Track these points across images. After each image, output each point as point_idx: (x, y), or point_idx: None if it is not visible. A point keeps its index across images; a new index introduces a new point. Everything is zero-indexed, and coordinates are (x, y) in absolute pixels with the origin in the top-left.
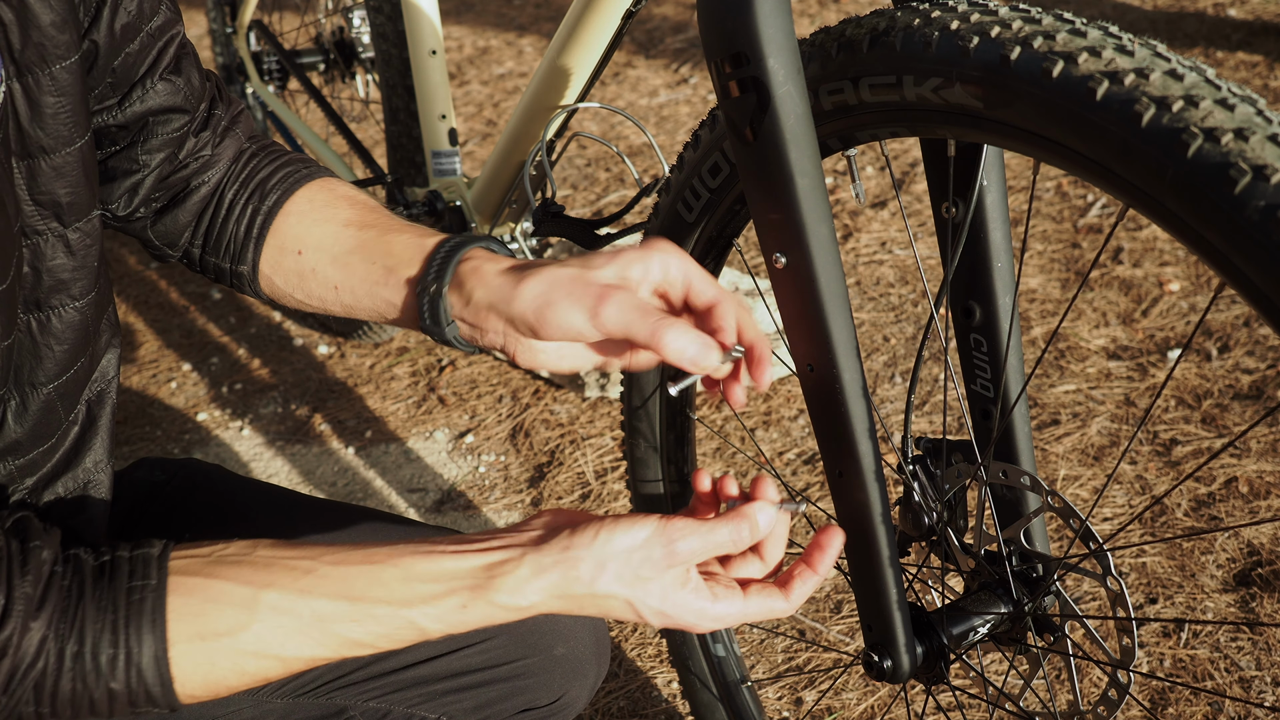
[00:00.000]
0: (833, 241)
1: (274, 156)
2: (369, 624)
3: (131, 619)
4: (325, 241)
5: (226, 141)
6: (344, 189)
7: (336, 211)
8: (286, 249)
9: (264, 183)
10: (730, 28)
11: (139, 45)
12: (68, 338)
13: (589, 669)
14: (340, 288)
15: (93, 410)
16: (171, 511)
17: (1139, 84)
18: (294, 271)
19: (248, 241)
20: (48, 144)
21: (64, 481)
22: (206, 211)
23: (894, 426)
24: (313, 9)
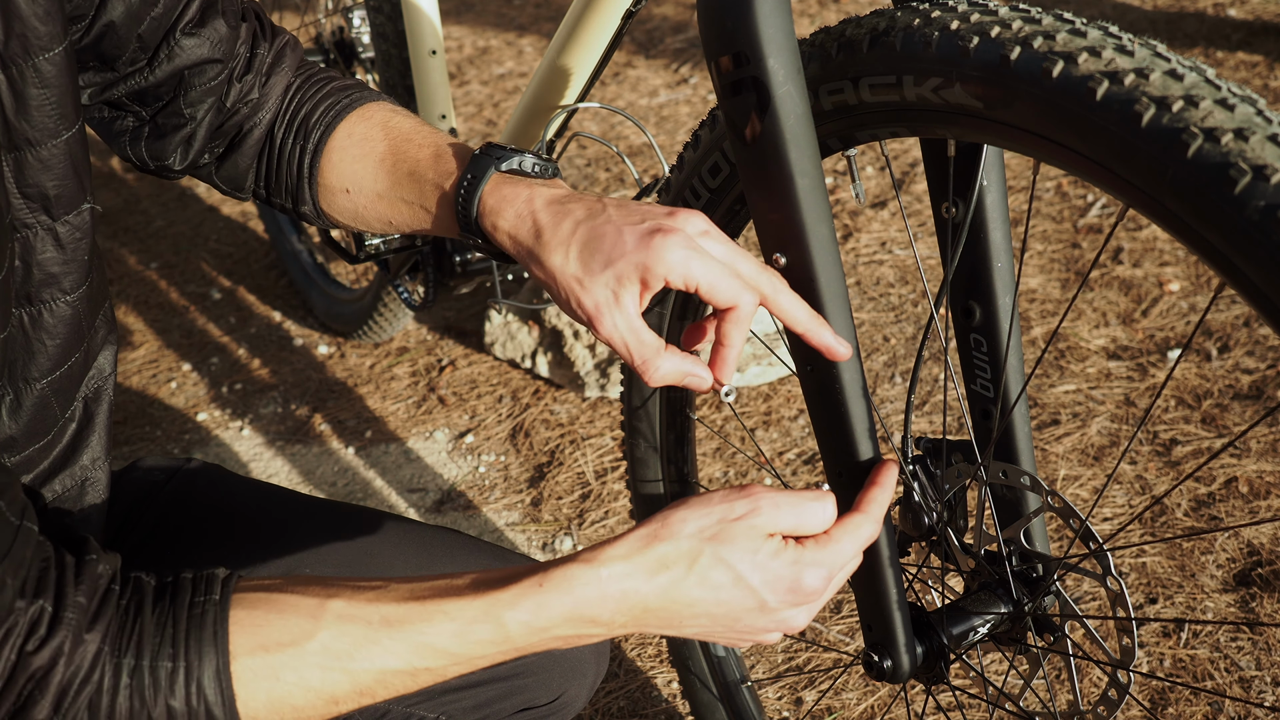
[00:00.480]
0: (833, 241)
1: (318, 88)
2: (442, 623)
3: (192, 632)
4: (365, 180)
5: (274, 79)
6: (380, 114)
7: (373, 146)
8: (335, 189)
9: (306, 120)
10: (730, 27)
11: (163, 8)
12: (60, 332)
13: (588, 668)
14: (394, 223)
15: (89, 407)
16: (170, 510)
17: (1139, 84)
18: (348, 210)
19: (301, 183)
20: (34, 136)
21: (61, 479)
22: (263, 154)
23: (894, 426)
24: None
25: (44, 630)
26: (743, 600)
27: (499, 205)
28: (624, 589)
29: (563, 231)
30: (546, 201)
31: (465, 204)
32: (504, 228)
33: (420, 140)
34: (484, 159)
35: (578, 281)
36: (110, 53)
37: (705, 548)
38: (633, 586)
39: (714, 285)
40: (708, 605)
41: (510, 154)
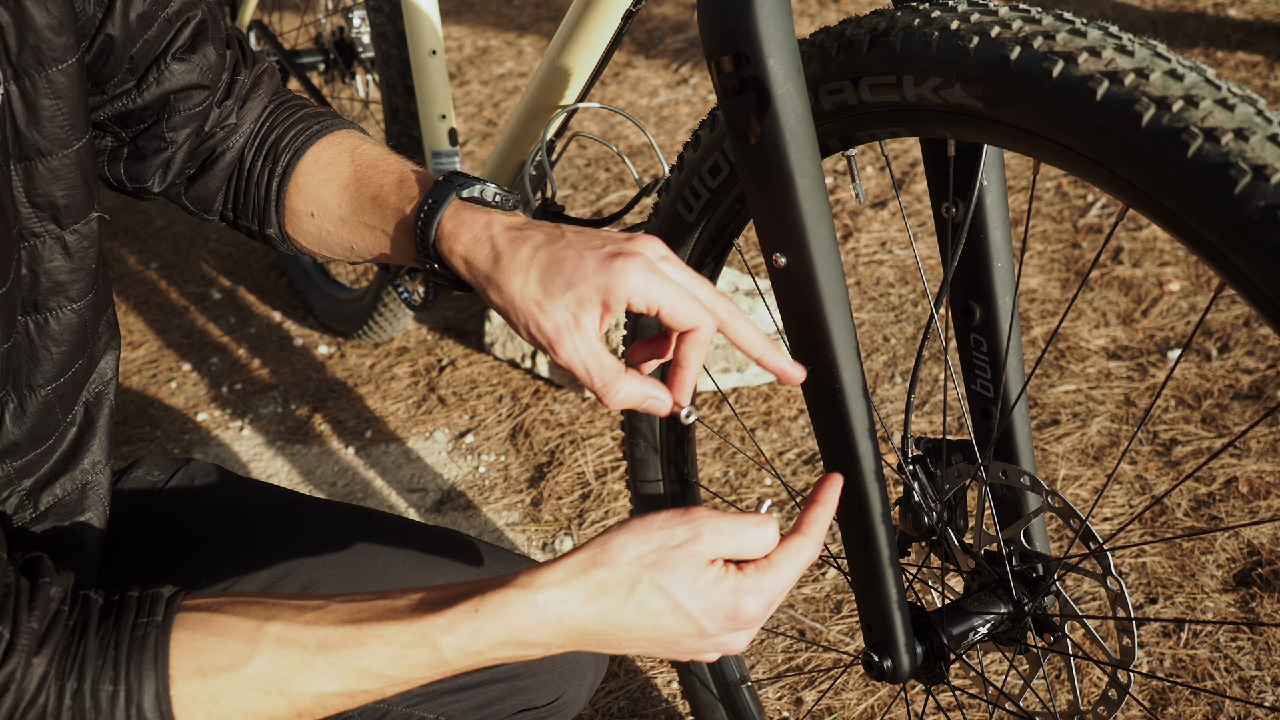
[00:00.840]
0: (833, 241)
1: (289, 114)
2: (378, 648)
3: (133, 655)
4: (330, 205)
5: (250, 105)
6: (349, 140)
7: (339, 171)
8: (301, 212)
9: (276, 144)
10: (730, 27)
11: (157, 31)
12: (66, 340)
13: (587, 669)
14: (355, 249)
15: (90, 411)
16: (169, 510)
17: (1139, 84)
18: (312, 234)
19: (268, 206)
20: (45, 146)
21: (62, 483)
22: (233, 177)
23: (894, 426)
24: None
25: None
26: (681, 626)
27: (457, 230)
28: (560, 614)
29: (522, 256)
30: (505, 227)
31: (424, 227)
32: (460, 251)
33: (385, 167)
34: (446, 185)
35: (537, 305)
36: (102, 73)
37: (644, 574)
38: (569, 612)
39: (675, 308)
40: (645, 630)
41: (472, 182)
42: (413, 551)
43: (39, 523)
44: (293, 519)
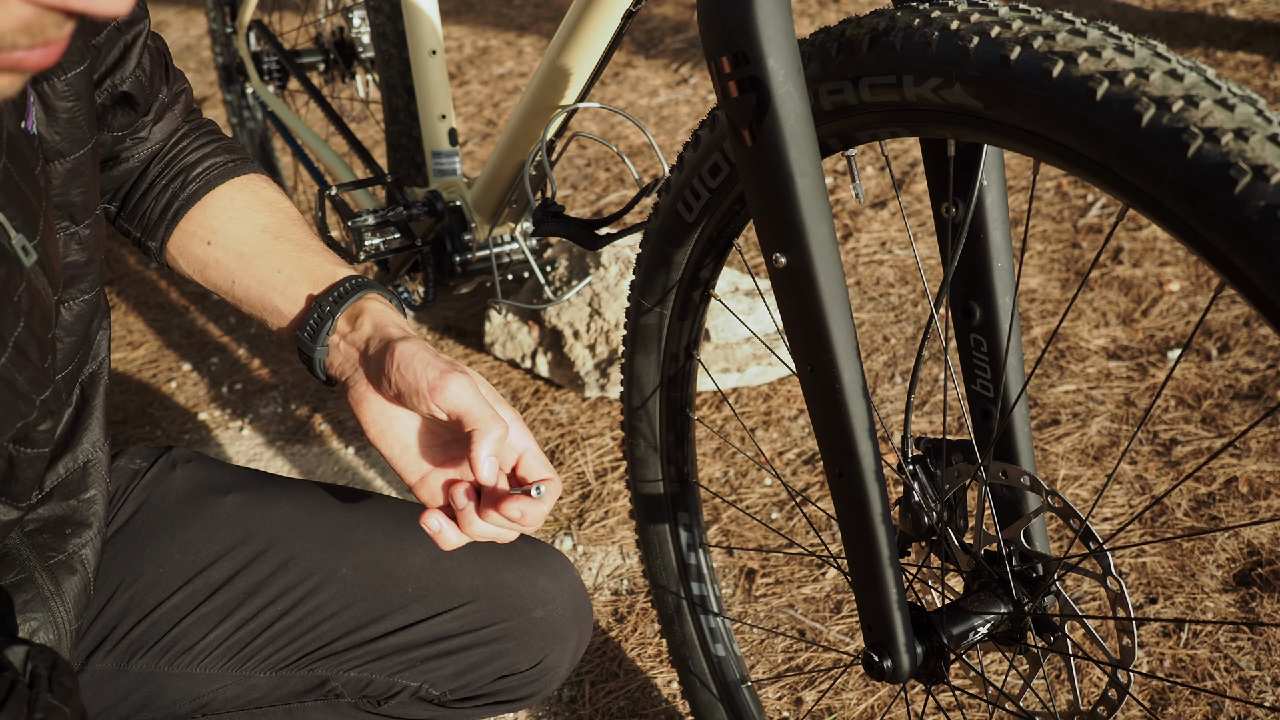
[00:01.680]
0: (833, 241)
1: (205, 141)
2: None
3: None
4: (237, 240)
5: (163, 122)
6: (267, 193)
7: (256, 215)
8: (196, 236)
9: (188, 169)
10: (730, 28)
11: (105, 39)
12: (76, 329)
13: (569, 632)
14: (236, 283)
15: (86, 391)
16: (151, 495)
17: (1139, 84)
18: (198, 257)
19: (161, 222)
20: (64, 148)
21: (65, 462)
22: (128, 182)
23: (894, 426)
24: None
25: None
26: None
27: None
28: None
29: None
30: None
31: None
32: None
33: (307, 229)
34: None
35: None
36: None
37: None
38: None
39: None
40: None
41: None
42: (390, 524)
43: (46, 503)
44: (270, 497)
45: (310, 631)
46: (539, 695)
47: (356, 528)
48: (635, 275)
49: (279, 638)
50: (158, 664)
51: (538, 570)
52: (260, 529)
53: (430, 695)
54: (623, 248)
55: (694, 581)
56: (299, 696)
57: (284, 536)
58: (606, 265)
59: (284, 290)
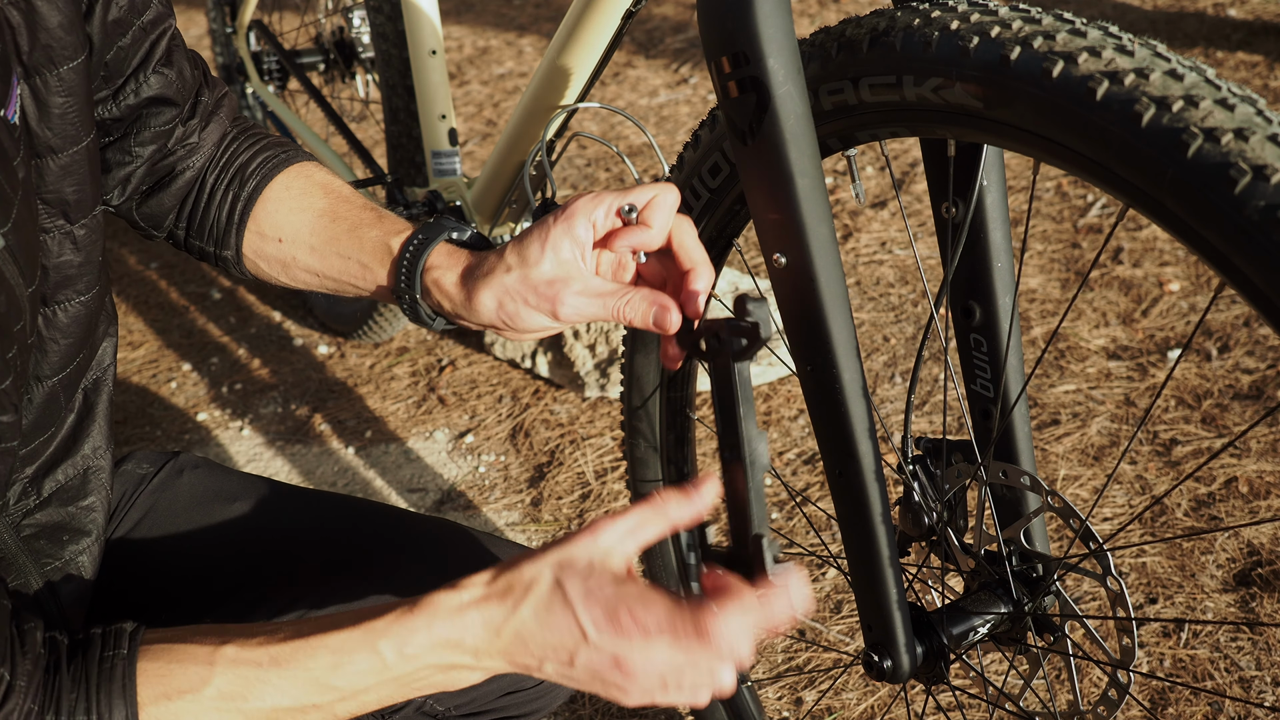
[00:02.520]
0: (833, 241)
1: (254, 140)
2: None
3: (102, 686)
4: (302, 231)
5: (211, 126)
6: (319, 175)
7: (312, 200)
8: (267, 236)
9: (243, 168)
10: (730, 27)
11: (131, 39)
12: (73, 331)
13: None
14: (321, 275)
15: (89, 398)
16: (157, 500)
17: (1139, 84)
18: (276, 258)
19: (229, 228)
20: (56, 144)
21: (64, 469)
22: (190, 196)
23: (894, 426)
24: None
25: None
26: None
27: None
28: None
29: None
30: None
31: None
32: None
33: (360, 203)
34: (436, 225)
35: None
36: None
37: (549, 572)
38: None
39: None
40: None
41: (460, 225)
42: (401, 536)
43: (42, 509)
44: (279, 507)
45: None
46: (543, 711)
47: (364, 539)
48: None
49: None
50: None
51: None
52: (267, 539)
53: (435, 710)
54: None
55: (694, 582)
56: None
57: (290, 547)
58: None
59: (364, 276)
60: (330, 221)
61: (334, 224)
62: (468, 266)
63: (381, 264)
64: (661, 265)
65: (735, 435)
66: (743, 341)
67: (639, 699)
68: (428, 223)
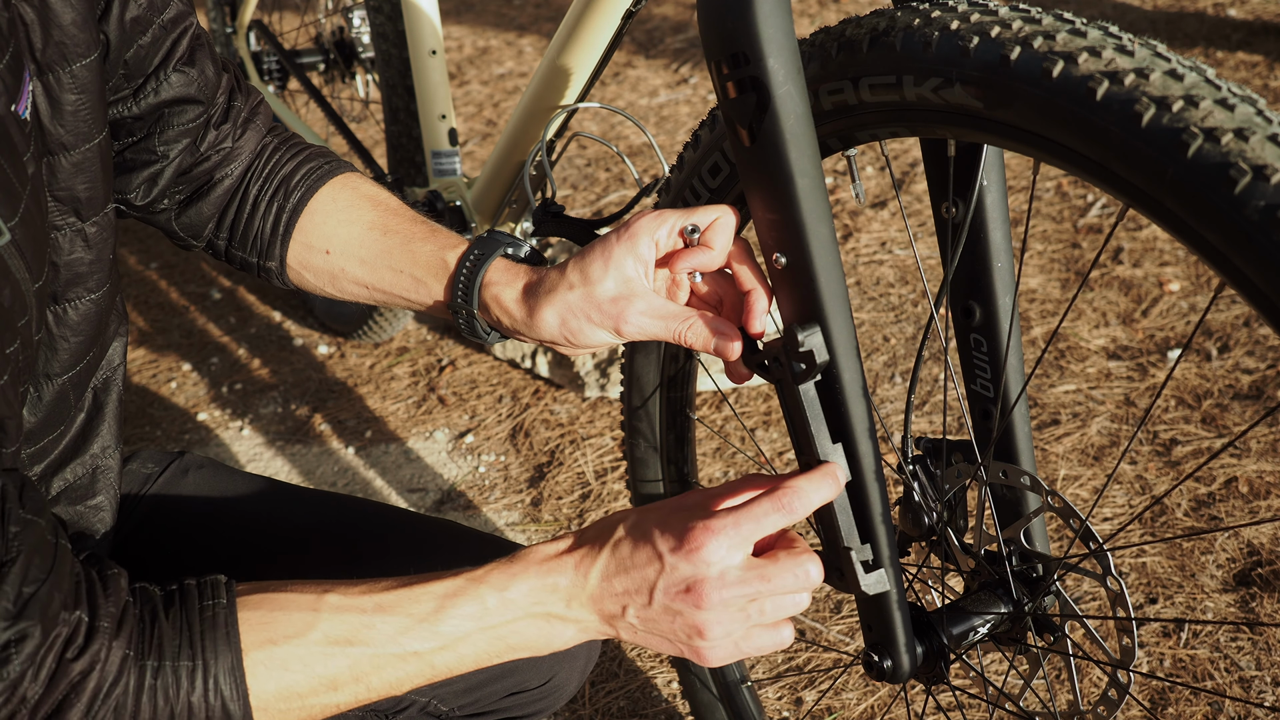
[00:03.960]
0: (833, 241)
1: (296, 150)
2: (426, 601)
3: (206, 633)
4: (351, 244)
5: (248, 134)
6: (366, 187)
7: (360, 213)
8: (314, 248)
9: (288, 179)
10: (730, 28)
11: (151, 38)
12: (83, 330)
13: (579, 652)
14: (371, 288)
15: (99, 397)
16: (163, 501)
17: (1139, 84)
18: (324, 270)
19: (274, 239)
20: (68, 141)
21: (72, 468)
22: (231, 205)
23: (894, 426)
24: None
25: (81, 639)
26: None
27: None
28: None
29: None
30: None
31: (470, 274)
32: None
33: (410, 216)
34: (491, 240)
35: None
36: None
37: (631, 516)
38: (577, 554)
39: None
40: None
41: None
42: (405, 537)
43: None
44: (284, 508)
45: None
46: (546, 712)
47: (369, 540)
48: None
49: None
50: None
51: None
52: (274, 541)
53: (439, 711)
54: None
55: None
56: None
57: (294, 547)
58: None
59: (416, 290)
60: (381, 234)
61: (385, 237)
62: (529, 284)
63: (437, 279)
64: (716, 284)
65: (811, 450)
66: (801, 366)
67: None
68: (482, 237)
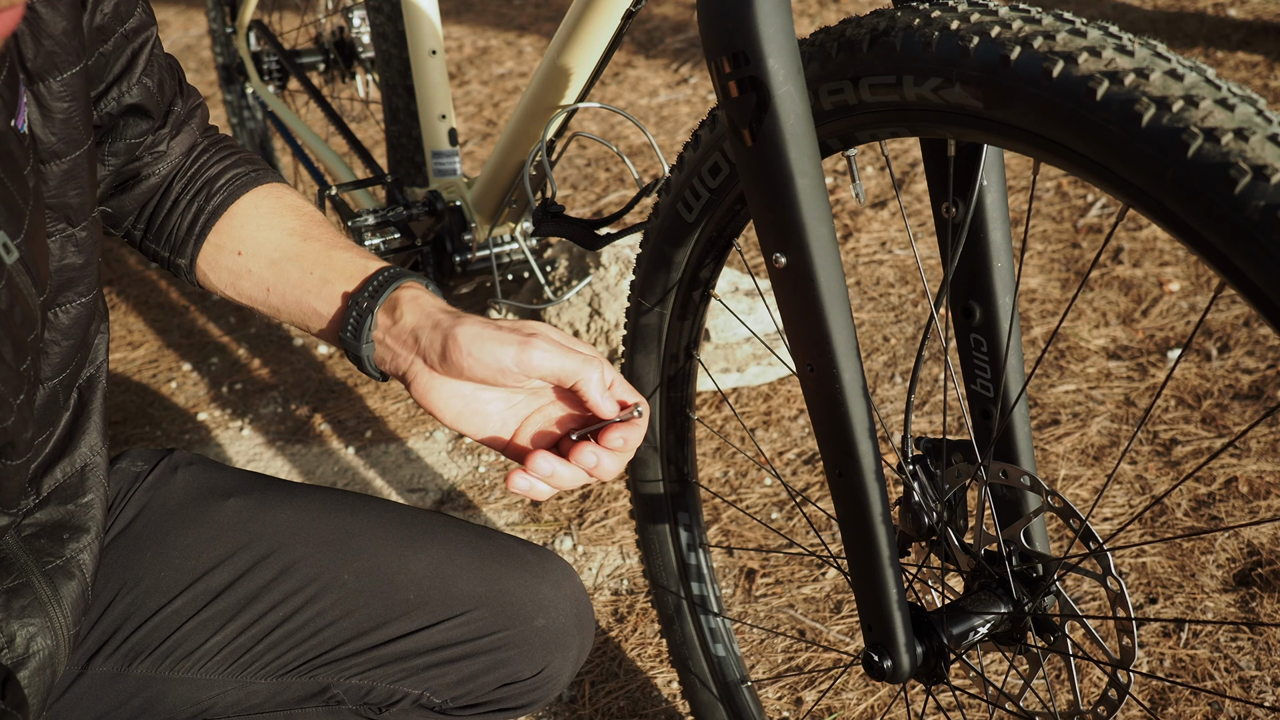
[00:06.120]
0: (833, 241)
1: (225, 154)
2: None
3: None
4: (266, 246)
5: (181, 135)
6: (290, 198)
7: (282, 220)
8: (225, 248)
9: (211, 181)
10: (730, 27)
11: (113, 46)
12: (73, 333)
13: (571, 641)
14: (271, 290)
15: (84, 395)
16: (153, 497)
17: (1139, 84)
18: (229, 270)
19: (189, 237)
20: (59, 149)
21: (61, 466)
22: (153, 200)
23: (894, 426)
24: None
25: None
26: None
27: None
28: None
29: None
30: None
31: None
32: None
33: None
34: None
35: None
36: None
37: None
38: None
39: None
40: None
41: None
42: (394, 529)
43: (41, 508)
44: (272, 502)
45: (311, 638)
46: (541, 702)
47: (359, 533)
48: (635, 275)
49: (280, 644)
50: (158, 669)
51: (540, 578)
52: (262, 534)
53: (431, 703)
54: (623, 248)
55: (694, 581)
56: (300, 703)
57: (286, 542)
58: (606, 265)
59: (319, 291)
60: (300, 240)
61: (305, 242)
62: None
63: (347, 281)
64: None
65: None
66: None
67: None
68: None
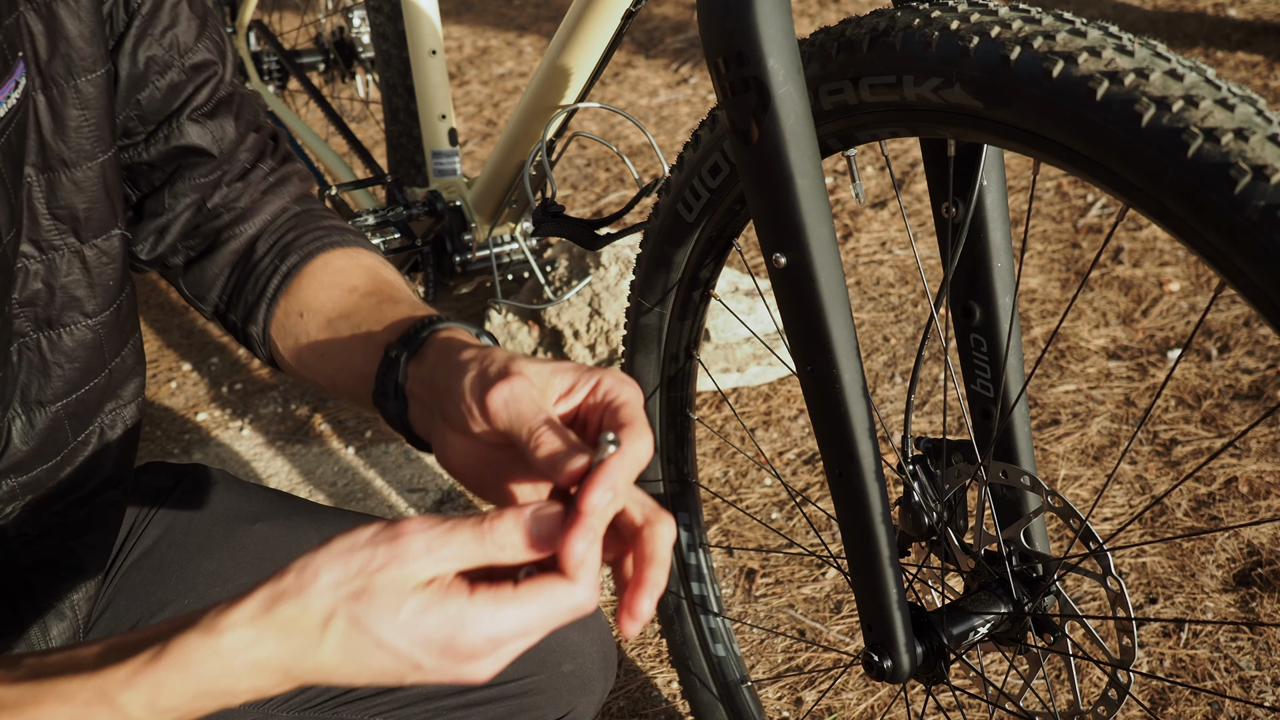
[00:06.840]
0: (833, 241)
1: (312, 219)
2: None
3: None
4: (326, 306)
5: (268, 198)
6: (368, 259)
7: (348, 278)
8: (291, 311)
9: (289, 245)
10: (730, 27)
11: (169, 81)
12: (79, 356)
13: (596, 684)
14: (325, 356)
15: (106, 434)
16: (177, 516)
17: (1139, 84)
18: (293, 335)
19: (260, 301)
20: (69, 157)
21: (67, 502)
22: (237, 267)
23: (894, 426)
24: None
25: None
26: (394, 665)
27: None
28: (252, 659)
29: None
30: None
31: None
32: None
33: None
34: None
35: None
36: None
37: (341, 607)
38: (262, 654)
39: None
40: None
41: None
42: None
43: (41, 540)
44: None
45: None
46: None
47: None
48: (635, 275)
49: None
50: None
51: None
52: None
53: None
54: (623, 248)
55: (694, 581)
56: None
57: None
58: (606, 265)
59: (363, 348)
60: (360, 296)
61: (363, 298)
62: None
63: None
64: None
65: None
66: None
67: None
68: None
